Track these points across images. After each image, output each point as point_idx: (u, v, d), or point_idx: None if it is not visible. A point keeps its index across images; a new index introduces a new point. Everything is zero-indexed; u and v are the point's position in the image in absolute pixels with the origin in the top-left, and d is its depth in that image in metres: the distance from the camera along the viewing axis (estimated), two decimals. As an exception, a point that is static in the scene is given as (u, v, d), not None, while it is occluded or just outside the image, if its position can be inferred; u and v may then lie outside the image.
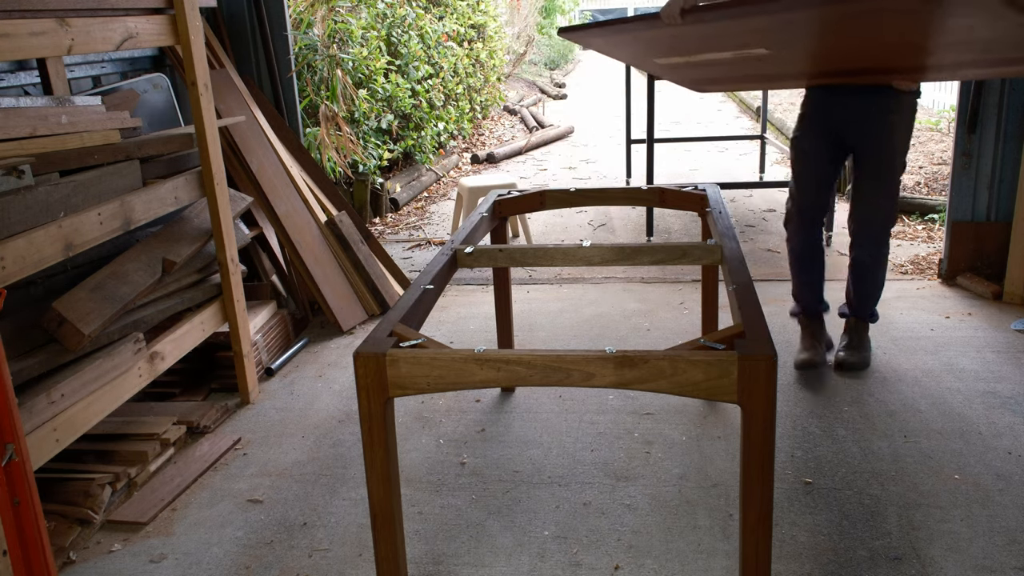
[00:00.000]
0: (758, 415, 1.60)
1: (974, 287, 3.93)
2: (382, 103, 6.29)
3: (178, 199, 2.80)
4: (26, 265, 2.10)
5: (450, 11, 8.69)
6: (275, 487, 2.57)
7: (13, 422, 1.64)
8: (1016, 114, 3.80)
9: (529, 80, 14.77)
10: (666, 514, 2.33)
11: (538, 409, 3.00)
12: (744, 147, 8.32)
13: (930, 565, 2.07)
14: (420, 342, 1.77)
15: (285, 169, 3.91)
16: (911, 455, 2.56)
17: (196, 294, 2.98)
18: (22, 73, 2.98)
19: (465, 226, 2.69)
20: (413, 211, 6.46)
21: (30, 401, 2.16)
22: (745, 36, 2.13)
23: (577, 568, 2.12)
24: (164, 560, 2.24)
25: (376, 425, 1.76)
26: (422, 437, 2.84)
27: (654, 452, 2.66)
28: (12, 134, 2.26)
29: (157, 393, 3.19)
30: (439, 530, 2.32)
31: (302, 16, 5.17)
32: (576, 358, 1.64)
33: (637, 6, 24.53)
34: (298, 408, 3.11)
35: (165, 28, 2.77)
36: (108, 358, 2.47)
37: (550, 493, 2.46)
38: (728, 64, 2.46)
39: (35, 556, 1.70)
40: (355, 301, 3.96)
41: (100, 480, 2.45)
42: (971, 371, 3.12)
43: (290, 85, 4.21)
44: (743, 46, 2.22)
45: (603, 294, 4.20)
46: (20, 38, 2.23)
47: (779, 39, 2.20)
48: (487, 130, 10.23)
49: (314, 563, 2.20)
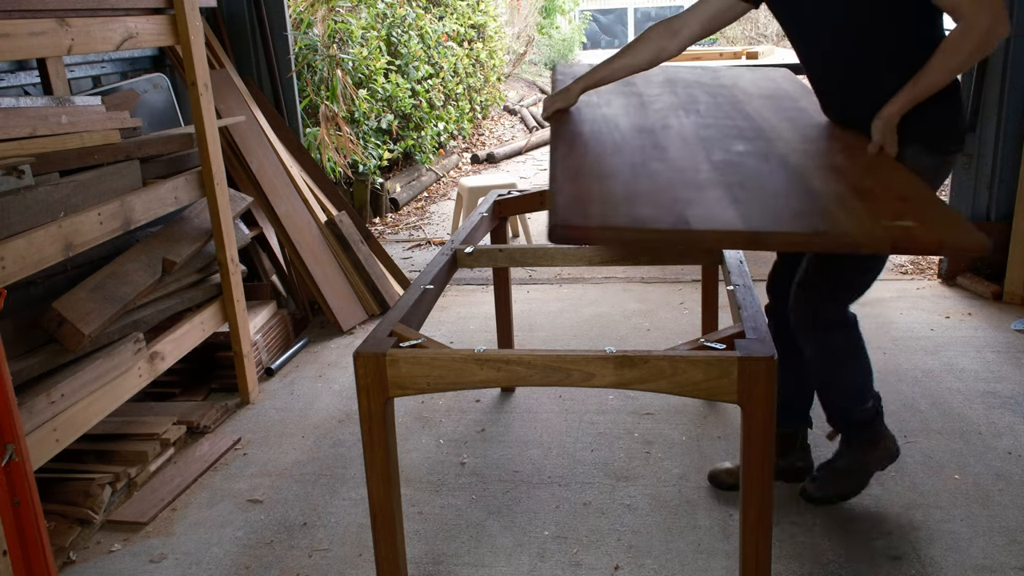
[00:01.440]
0: (758, 415, 1.60)
1: (974, 287, 3.93)
2: (382, 103, 6.28)
3: (178, 199, 2.80)
4: (26, 265, 2.10)
5: (450, 11, 8.68)
6: (275, 487, 2.57)
7: (13, 422, 1.64)
8: (1016, 114, 3.80)
9: (529, 80, 14.77)
10: (666, 514, 2.33)
11: (538, 409, 3.00)
12: (744, 147, 8.31)
13: (930, 565, 2.07)
14: (420, 342, 1.77)
15: (285, 169, 3.91)
16: (911, 455, 2.56)
17: (196, 294, 2.98)
18: (22, 73, 2.97)
19: (465, 226, 2.69)
20: (413, 211, 6.45)
21: (30, 401, 2.15)
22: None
23: (577, 568, 2.12)
24: (164, 560, 2.24)
25: (376, 425, 1.76)
26: (422, 437, 2.84)
27: (654, 452, 2.66)
28: (12, 134, 2.26)
29: (157, 393, 3.19)
30: (439, 530, 2.31)
31: (302, 16, 5.17)
32: (576, 358, 1.64)
33: (637, 6, 24.54)
34: (298, 408, 3.11)
35: (165, 28, 2.77)
36: (108, 358, 2.47)
37: (550, 493, 2.46)
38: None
39: (35, 556, 1.70)
40: (355, 301, 3.96)
41: (100, 480, 2.45)
42: (971, 371, 3.12)
43: (290, 85, 4.21)
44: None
45: (603, 294, 4.20)
46: (20, 38, 2.23)
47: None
48: (487, 130, 10.23)
49: (314, 563, 2.19)
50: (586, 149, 1.90)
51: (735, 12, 2.14)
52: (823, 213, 1.57)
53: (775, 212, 1.57)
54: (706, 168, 1.78)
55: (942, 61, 1.83)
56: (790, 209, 1.59)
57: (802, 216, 1.56)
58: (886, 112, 1.90)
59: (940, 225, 1.50)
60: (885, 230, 1.48)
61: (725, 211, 1.56)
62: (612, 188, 1.67)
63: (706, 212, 1.55)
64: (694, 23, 2.16)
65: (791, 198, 1.64)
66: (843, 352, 2.15)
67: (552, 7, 16.56)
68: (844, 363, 2.16)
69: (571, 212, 1.55)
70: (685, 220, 1.51)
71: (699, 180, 1.71)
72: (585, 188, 1.67)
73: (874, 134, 1.93)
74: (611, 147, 1.92)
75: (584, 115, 2.18)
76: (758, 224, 1.50)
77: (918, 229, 1.48)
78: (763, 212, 1.57)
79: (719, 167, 1.79)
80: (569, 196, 1.63)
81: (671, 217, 1.53)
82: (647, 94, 2.39)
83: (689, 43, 2.18)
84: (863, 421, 2.22)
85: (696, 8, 2.17)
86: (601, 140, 1.97)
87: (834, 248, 1.50)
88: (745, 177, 1.73)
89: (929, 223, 1.51)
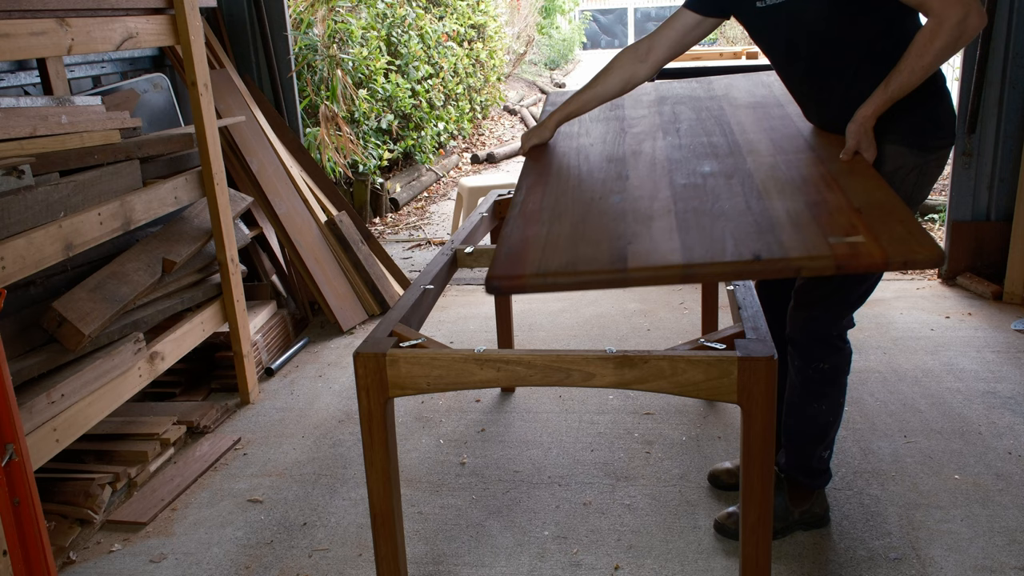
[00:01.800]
0: (758, 415, 1.60)
1: (974, 287, 3.93)
2: (382, 103, 6.28)
3: (178, 199, 2.80)
4: (26, 265, 2.10)
5: (450, 11, 8.68)
6: (275, 487, 2.57)
7: (13, 422, 1.64)
8: (1016, 114, 3.80)
9: (529, 80, 14.78)
10: (666, 514, 2.33)
11: (538, 409, 3.00)
12: (744, 147, 8.31)
13: (930, 565, 2.07)
14: (420, 342, 1.77)
15: (285, 169, 3.91)
16: (911, 455, 2.56)
17: (196, 294, 2.98)
18: (22, 73, 2.98)
19: (465, 226, 2.69)
20: (413, 211, 6.45)
21: (30, 401, 2.15)
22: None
23: (577, 568, 2.12)
24: (164, 560, 2.24)
25: (376, 425, 1.76)
26: (422, 437, 2.84)
27: (654, 452, 2.66)
28: (12, 134, 2.26)
29: (157, 393, 3.19)
30: (439, 530, 2.31)
31: (302, 16, 5.17)
32: (576, 358, 1.64)
33: (637, 6, 24.53)
34: (298, 408, 3.11)
35: (165, 28, 2.77)
36: (108, 358, 2.47)
37: (550, 493, 2.46)
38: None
39: (35, 556, 1.70)
40: (355, 301, 3.96)
41: (100, 480, 2.45)
42: (971, 371, 3.12)
43: (290, 85, 4.21)
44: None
45: (603, 294, 4.20)
46: (20, 38, 2.23)
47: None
48: (487, 130, 10.24)
49: (314, 563, 2.20)
50: (546, 190, 1.91)
51: (703, 29, 2.09)
52: (770, 235, 1.53)
53: (720, 239, 1.54)
54: (665, 195, 1.78)
55: (912, 60, 1.76)
56: (735, 234, 1.55)
57: (745, 241, 1.52)
58: (859, 115, 1.85)
59: (892, 239, 1.43)
60: (830, 248, 1.44)
61: (668, 242, 1.55)
62: (559, 230, 1.68)
63: (648, 245, 1.56)
64: (662, 46, 2.11)
65: (741, 221, 1.60)
66: (824, 380, 2.08)
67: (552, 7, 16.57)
68: (818, 393, 2.09)
69: (508, 263, 1.56)
70: (623, 257, 1.52)
71: (653, 209, 1.71)
72: (533, 233, 1.68)
73: (848, 139, 1.87)
74: (574, 182, 1.93)
75: (559, 148, 2.20)
76: (698, 255, 1.49)
77: (864, 245, 1.43)
78: (706, 240, 1.54)
79: (678, 192, 1.78)
80: (513, 245, 1.64)
81: (609, 255, 1.54)
82: (630, 117, 2.39)
83: (660, 66, 2.13)
84: (809, 469, 2.18)
85: (662, 30, 2.12)
86: (567, 175, 1.98)
87: (773, 274, 1.46)
88: (702, 201, 1.71)
89: (880, 237, 1.45)
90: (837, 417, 2.14)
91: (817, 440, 2.14)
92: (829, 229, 1.51)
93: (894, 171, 1.93)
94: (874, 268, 1.43)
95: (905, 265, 1.41)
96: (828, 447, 2.17)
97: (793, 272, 1.45)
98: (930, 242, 1.43)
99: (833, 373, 2.08)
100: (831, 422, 2.13)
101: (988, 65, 3.77)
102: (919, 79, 1.79)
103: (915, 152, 1.93)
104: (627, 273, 1.49)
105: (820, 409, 2.10)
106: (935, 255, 1.40)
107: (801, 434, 2.15)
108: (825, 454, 2.17)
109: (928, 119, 1.93)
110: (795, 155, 1.92)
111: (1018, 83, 3.75)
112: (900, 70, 1.78)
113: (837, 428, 2.17)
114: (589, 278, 1.51)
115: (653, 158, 2.01)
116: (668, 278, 1.49)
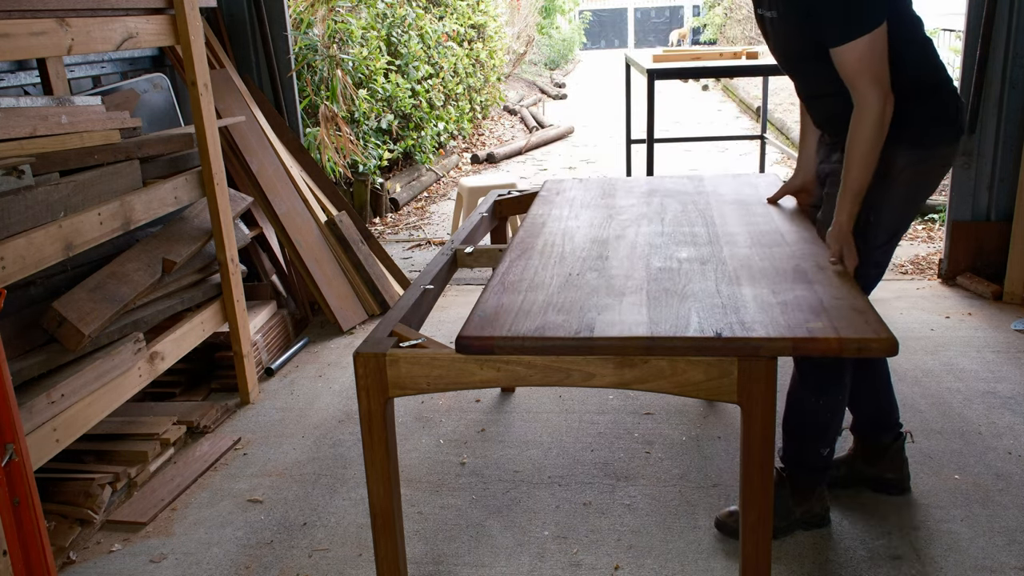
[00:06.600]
0: (758, 415, 1.60)
1: (974, 287, 3.93)
2: (382, 103, 6.29)
3: (178, 199, 2.80)
4: (26, 265, 2.10)
5: (450, 11, 8.69)
6: (275, 487, 2.57)
7: (13, 422, 1.64)
8: (1016, 114, 3.80)
9: (529, 80, 14.78)
10: (666, 514, 2.33)
11: (538, 409, 3.00)
12: (744, 147, 8.33)
13: (930, 565, 2.07)
14: (420, 342, 1.78)
15: (285, 169, 3.91)
16: (911, 455, 2.56)
17: (196, 294, 2.98)
18: (22, 73, 2.98)
19: (465, 226, 2.69)
20: (413, 211, 6.46)
21: (30, 401, 2.15)
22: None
23: (577, 568, 2.12)
24: (164, 560, 2.24)
25: (376, 425, 1.76)
26: (422, 437, 2.84)
27: (654, 452, 2.66)
28: (12, 134, 2.26)
29: (157, 393, 3.19)
30: (439, 530, 2.32)
31: (302, 16, 5.17)
32: (576, 358, 1.64)
33: (637, 6, 24.51)
34: (298, 408, 3.11)
35: (165, 28, 2.77)
36: (108, 358, 2.47)
37: (550, 493, 2.46)
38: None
39: (35, 556, 1.70)
40: (355, 301, 3.96)
41: (100, 480, 2.45)
42: (971, 371, 3.12)
43: (290, 85, 4.21)
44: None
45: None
46: (20, 38, 2.23)
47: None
48: (487, 130, 10.24)
49: (314, 563, 2.20)
50: (528, 263, 2.02)
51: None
52: (734, 315, 1.63)
53: (685, 316, 1.64)
54: (640, 275, 1.89)
55: (850, 153, 1.87)
56: (701, 313, 1.65)
57: (709, 319, 1.62)
58: (835, 222, 1.93)
59: (851, 328, 1.54)
60: (789, 331, 1.55)
61: (636, 315, 1.65)
62: (534, 299, 1.79)
63: (616, 317, 1.65)
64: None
65: (709, 302, 1.71)
66: (823, 374, 2.09)
67: (552, 7, 16.58)
68: (817, 388, 2.10)
69: (479, 325, 1.66)
70: (591, 327, 1.62)
71: (627, 286, 1.82)
72: (509, 301, 1.78)
73: (830, 245, 1.94)
74: (556, 259, 2.05)
75: (547, 228, 2.33)
76: (663, 328, 1.58)
77: (822, 331, 1.54)
78: (672, 316, 1.64)
79: (653, 273, 1.89)
80: (487, 309, 1.74)
81: (578, 324, 1.63)
82: (619, 205, 2.54)
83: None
84: (810, 466, 2.19)
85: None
86: (550, 252, 2.10)
87: (732, 352, 1.55)
88: (674, 283, 1.82)
89: (839, 326, 1.55)
90: (837, 416, 2.15)
91: (817, 437, 2.16)
92: (791, 315, 1.62)
93: (893, 171, 1.94)
94: (829, 353, 1.54)
95: (859, 352, 1.53)
96: (828, 445, 2.18)
97: (751, 351, 1.56)
98: (886, 333, 1.53)
99: (833, 368, 2.09)
100: (830, 419, 2.14)
101: (988, 65, 3.77)
102: (868, 168, 1.87)
103: (916, 148, 1.95)
104: (593, 341, 1.58)
105: (819, 405, 2.12)
106: (890, 345, 1.51)
107: (801, 427, 2.17)
108: (825, 452, 2.18)
109: (925, 115, 1.95)
110: (770, 248, 2.03)
111: (1018, 83, 3.75)
112: (847, 168, 1.89)
113: (838, 428, 2.18)
114: (557, 343, 1.60)
115: (635, 242, 2.15)
116: (632, 349, 1.59)
